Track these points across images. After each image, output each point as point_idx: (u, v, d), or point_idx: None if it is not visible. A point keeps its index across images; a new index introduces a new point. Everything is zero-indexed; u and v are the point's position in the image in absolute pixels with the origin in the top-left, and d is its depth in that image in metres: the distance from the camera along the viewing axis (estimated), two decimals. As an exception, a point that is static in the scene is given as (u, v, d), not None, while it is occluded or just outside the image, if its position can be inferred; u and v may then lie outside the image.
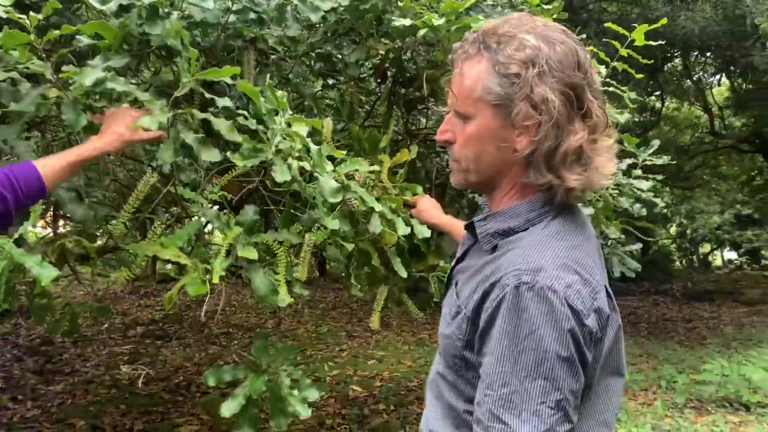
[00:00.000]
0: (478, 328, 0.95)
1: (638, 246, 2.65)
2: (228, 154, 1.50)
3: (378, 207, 1.68)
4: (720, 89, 12.96)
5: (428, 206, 1.86)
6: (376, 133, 1.89)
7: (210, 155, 1.54)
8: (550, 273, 0.91)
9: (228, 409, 1.73)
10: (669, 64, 10.61)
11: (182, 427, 4.08)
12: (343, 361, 5.97)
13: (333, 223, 1.60)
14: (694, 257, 17.74)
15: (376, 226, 1.72)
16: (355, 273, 1.80)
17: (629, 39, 2.02)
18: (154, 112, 1.45)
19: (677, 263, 16.87)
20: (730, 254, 18.01)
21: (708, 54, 8.67)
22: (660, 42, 2.11)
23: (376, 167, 1.77)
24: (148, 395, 4.77)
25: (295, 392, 1.83)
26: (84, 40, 1.60)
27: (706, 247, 17.91)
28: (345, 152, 1.79)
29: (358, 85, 2.65)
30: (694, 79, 11.50)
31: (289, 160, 1.56)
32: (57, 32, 1.53)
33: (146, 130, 1.45)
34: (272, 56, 1.96)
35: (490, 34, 0.99)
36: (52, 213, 2.88)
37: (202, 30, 1.66)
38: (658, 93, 11.59)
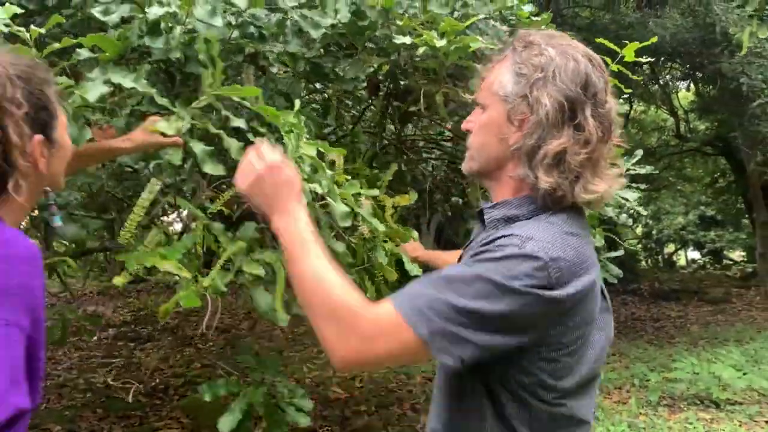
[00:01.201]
0: None
1: (620, 252, 2.74)
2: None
3: (381, 227, 1.72)
4: (685, 93, 13.30)
5: (411, 244, 1.97)
6: (377, 172, 1.95)
7: (214, 169, 1.55)
8: (541, 245, 0.98)
9: (225, 424, 1.76)
10: (638, 69, 10.86)
11: (162, 431, 4.04)
12: (321, 362, 5.97)
13: (339, 246, 1.63)
14: (659, 257, 18.17)
15: (381, 256, 1.76)
16: None
17: (620, 55, 2.08)
18: (170, 118, 1.48)
19: (643, 263, 17.26)
20: (694, 254, 18.47)
21: (677, 60, 8.91)
22: (649, 59, 2.18)
23: (376, 191, 1.81)
24: (124, 399, 4.71)
25: (295, 401, 1.86)
26: (84, 54, 1.59)
27: (670, 247, 18.35)
28: (348, 177, 1.82)
29: (345, 91, 2.66)
30: (661, 83, 11.79)
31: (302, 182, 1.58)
32: (57, 45, 1.52)
33: (163, 135, 1.50)
34: (270, 70, 1.97)
35: (521, 39, 1.10)
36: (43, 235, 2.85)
37: (205, 42, 1.66)
38: (626, 96, 11.85)
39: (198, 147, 1.53)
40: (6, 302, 0.86)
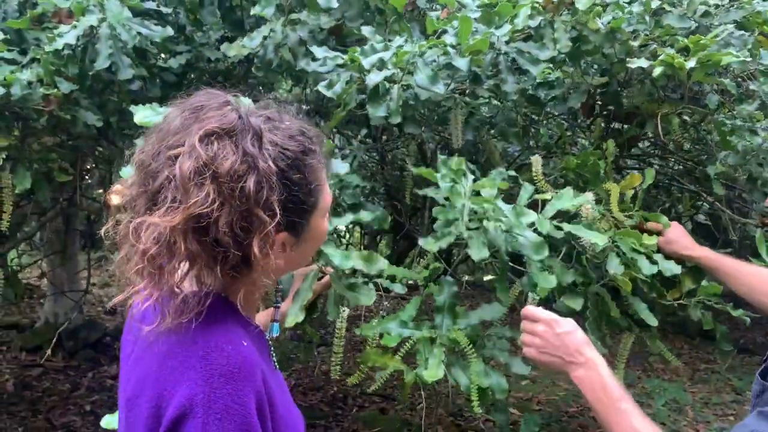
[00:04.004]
0: None
1: None
2: (420, 240, 1.49)
3: (602, 241, 1.50)
4: None
5: (679, 236, 1.61)
6: (596, 160, 1.72)
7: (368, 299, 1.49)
8: None
9: None
10: None
11: (346, 442, 4.16)
12: (493, 379, 5.83)
13: (549, 281, 1.47)
14: None
15: (615, 267, 1.55)
16: (592, 326, 1.64)
17: None
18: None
19: None
20: None
21: None
22: None
23: (588, 196, 1.60)
24: (308, 406, 4.92)
25: None
26: None
27: None
28: (553, 190, 1.68)
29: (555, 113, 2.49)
30: None
31: (485, 223, 1.48)
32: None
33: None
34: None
35: None
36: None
37: (421, 101, 1.62)
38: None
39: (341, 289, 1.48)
40: (213, 429, 0.77)
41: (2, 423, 4.09)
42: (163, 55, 2.11)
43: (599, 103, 2.04)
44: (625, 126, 1.97)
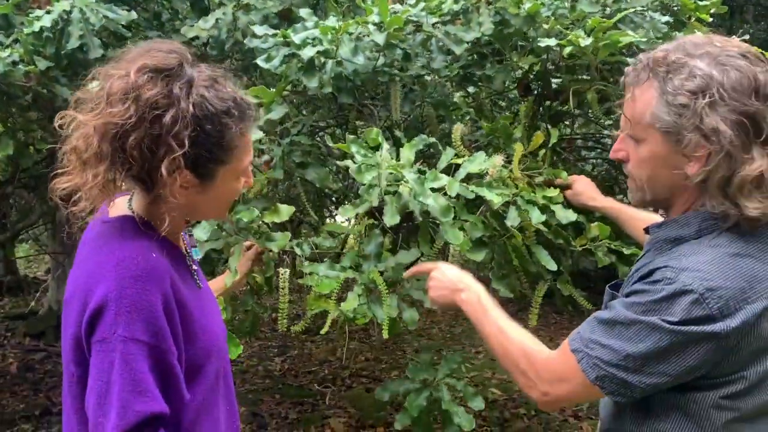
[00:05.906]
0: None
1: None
2: (339, 209, 1.66)
3: (498, 200, 1.65)
4: None
5: (585, 188, 1.77)
6: (506, 124, 1.88)
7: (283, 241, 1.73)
8: (697, 275, 0.94)
9: (400, 422, 1.88)
10: None
11: (331, 418, 4.35)
12: (479, 363, 5.99)
13: (457, 238, 1.64)
14: None
15: (512, 219, 1.70)
16: (497, 276, 1.81)
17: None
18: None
19: None
20: None
21: None
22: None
23: (496, 158, 1.75)
24: (299, 386, 5.12)
25: (456, 407, 1.92)
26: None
27: None
28: (470, 153, 1.82)
29: (497, 92, 2.67)
30: None
31: (401, 188, 1.66)
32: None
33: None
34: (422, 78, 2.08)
35: (660, 61, 1.00)
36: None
37: (353, 73, 1.82)
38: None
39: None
40: (123, 320, 0.94)
41: (5, 401, 4.32)
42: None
43: (535, 83, 2.21)
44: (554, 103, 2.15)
